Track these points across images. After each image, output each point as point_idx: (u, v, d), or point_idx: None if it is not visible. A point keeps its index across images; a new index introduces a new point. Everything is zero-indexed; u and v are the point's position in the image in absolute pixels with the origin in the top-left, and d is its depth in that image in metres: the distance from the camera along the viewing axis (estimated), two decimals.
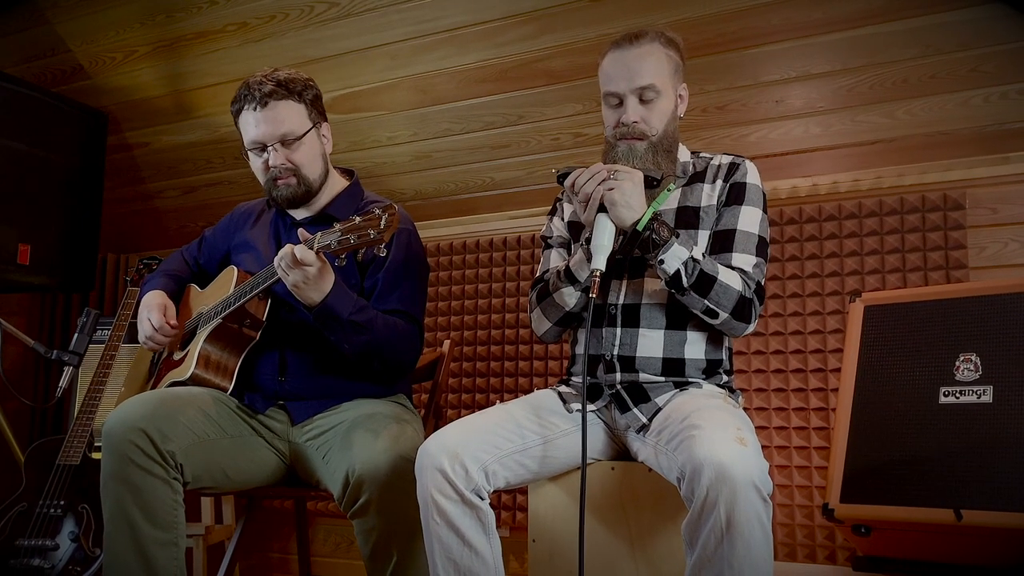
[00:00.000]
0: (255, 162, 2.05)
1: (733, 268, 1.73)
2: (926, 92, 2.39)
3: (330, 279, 1.82)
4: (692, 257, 1.66)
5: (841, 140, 2.56)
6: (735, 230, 1.77)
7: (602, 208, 1.67)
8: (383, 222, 1.64)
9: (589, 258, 1.69)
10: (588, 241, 1.69)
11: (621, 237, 1.68)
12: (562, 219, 1.99)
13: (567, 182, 1.74)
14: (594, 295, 1.62)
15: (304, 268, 1.75)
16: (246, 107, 2.00)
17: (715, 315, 1.70)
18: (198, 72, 3.10)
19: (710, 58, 2.49)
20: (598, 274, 1.63)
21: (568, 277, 1.80)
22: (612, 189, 1.65)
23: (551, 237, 1.99)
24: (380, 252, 1.69)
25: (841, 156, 2.60)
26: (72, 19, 3.06)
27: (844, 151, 2.59)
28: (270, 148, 1.99)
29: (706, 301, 1.67)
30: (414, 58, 2.79)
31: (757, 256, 1.77)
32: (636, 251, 1.70)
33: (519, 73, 2.72)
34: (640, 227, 1.64)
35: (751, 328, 1.74)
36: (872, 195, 2.53)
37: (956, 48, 2.28)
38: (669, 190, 1.74)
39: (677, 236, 1.67)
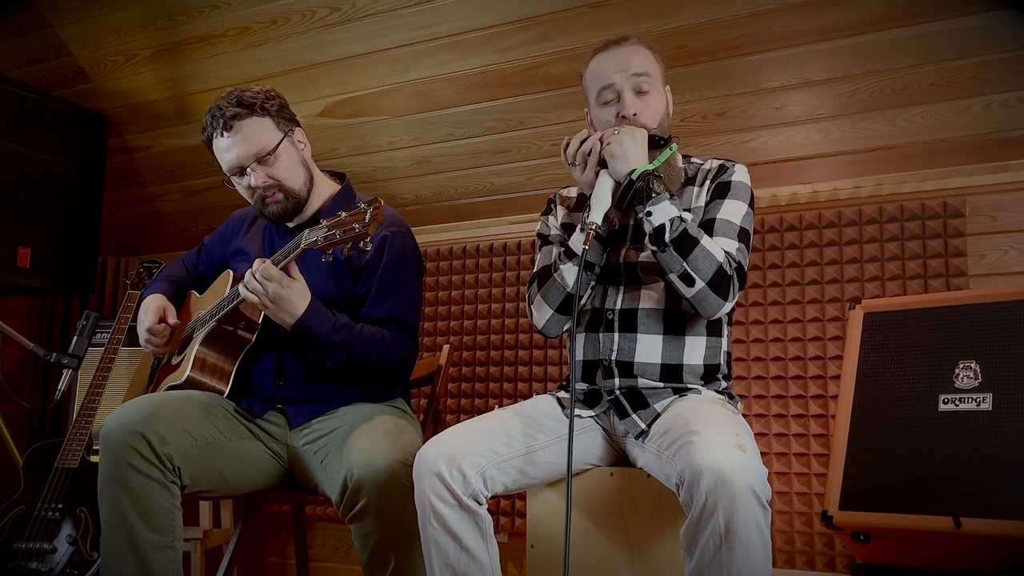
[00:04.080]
0: (239, 187, 2.05)
1: None
2: (926, 100, 2.39)
3: (304, 300, 1.82)
4: (680, 216, 1.66)
5: (841, 147, 2.57)
6: (715, 219, 1.77)
7: (604, 165, 1.72)
8: (368, 216, 1.65)
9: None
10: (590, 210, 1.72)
11: (619, 191, 1.71)
12: (556, 218, 1.99)
13: (571, 150, 1.78)
14: (586, 247, 1.65)
15: (265, 284, 1.76)
16: (214, 134, 1.99)
17: (692, 282, 1.67)
18: (199, 76, 3.10)
19: (710, 65, 2.49)
20: (593, 228, 1.66)
21: (569, 255, 1.80)
22: (611, 143, 1.71)
23: (548, 235, 1.98)
24: (366, 247, 1.69)
25: (841, 163, 2.60)
26: (74, 23, 3.06)
27: (844, 158, 2.59)
28: (248, 170, 1.99)
29: (684, 264, 1.66)
30: (415, 63, 2.80)
31: (739, 242, 1.76)
32: (631, 211, 1.73)
33: (520, 79, 2.73)
34: (635, 176, 1.67)
35: (727, 307, 1.71)
36: (872, 202, 2.53)
37: (956, 56, 2.28)
38: (671, 149, 1.77)
39: (672, 197, 1.69)
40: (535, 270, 1.96)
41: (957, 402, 1.90)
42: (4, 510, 2.34)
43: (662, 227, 1.66)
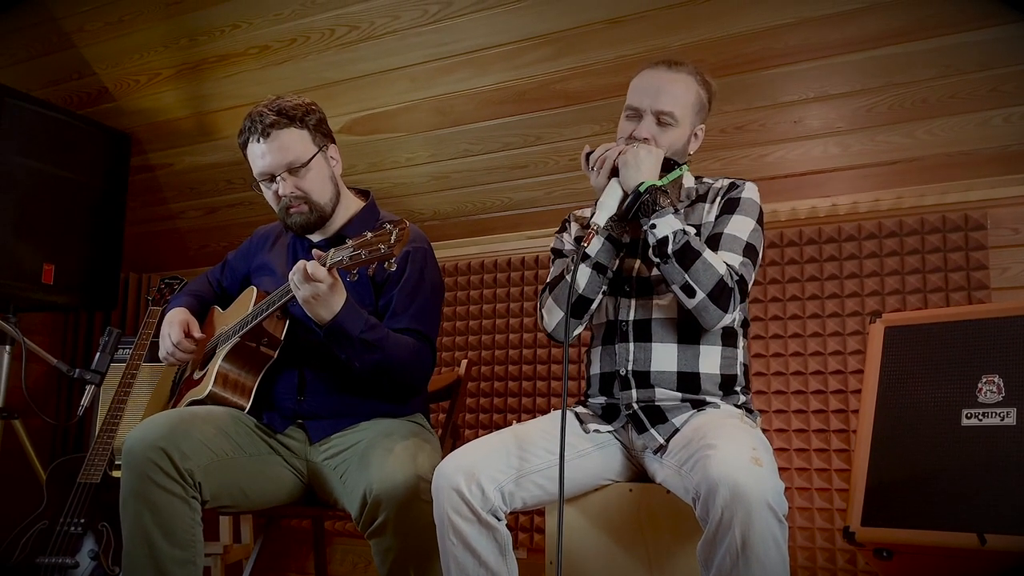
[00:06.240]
0: (266, 193, 2.07)
1: None
2: (946, 112, 2.38)
3: (341, 298, 1.82)
4: (683, 229, 1.69)
5: (860, 160, 2.56)
6: (722, 233, 1.79)
7: (617, 175, 1.77)
8: (393, 237, 1.66)
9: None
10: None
11: (626, 201, 1.75)
12: (571, 235, 2.02)
13: (594, 156, 1.83)
14: (586, 245, 1.74)
15: (315, 283, 1.76)
16: (251, 139, 2.01)
17: (692, 293, 1.68)
18: (220, 94, 3.14)
19: (729, 79, 2.49)
20: (595, 228, 1.72)
21: (582, 258, 1.80)
22: (626, 153, 1.76)
23: (562, 249, 2.01)
24: (391, 267, 1.70)
25: (861, 176, 2.59)
26: (97, 43, 3.11)
27: (864, 171, 2.58)
28: (278, 178, 2.00)
29: (686, 275, 1.67)
30: (433, 80, 2.82)
31: (743, 256, 1.76)
32: (635, 218, 1.75)
33: (537, 95, 2.74)
34: (642, 188, 1.71)
35: (727, 319, 1.72)
36: (892, 215, 2.52)
37: (976, 68, 2.27)
38: (681, 169, 1.86)
39: (677, 212, 1.73)
40: (548, 280, 1.97)
41: (980, 417, 1.88)
42: (27, 525, 2.36)
43: (665, 239, 1.68)
